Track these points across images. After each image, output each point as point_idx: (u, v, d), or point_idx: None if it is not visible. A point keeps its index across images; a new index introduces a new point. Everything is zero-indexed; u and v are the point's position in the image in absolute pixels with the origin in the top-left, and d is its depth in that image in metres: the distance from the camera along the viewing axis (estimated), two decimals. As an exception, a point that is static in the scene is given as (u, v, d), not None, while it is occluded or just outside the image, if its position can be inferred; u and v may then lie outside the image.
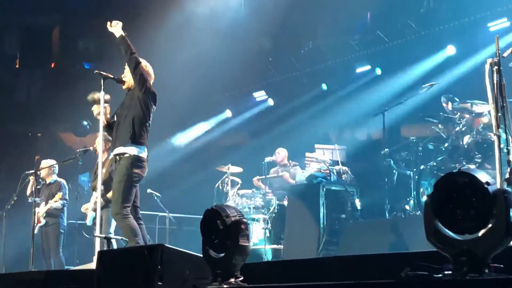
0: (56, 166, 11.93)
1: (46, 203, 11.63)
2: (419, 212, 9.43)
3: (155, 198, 12.68)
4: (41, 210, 11.61)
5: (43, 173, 11.78)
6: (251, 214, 11.43)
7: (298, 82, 15.67)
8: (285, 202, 11.45)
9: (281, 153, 12.79)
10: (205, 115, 17.13)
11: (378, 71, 14.05)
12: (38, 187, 10.73)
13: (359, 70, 14.38)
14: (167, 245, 4.82)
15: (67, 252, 12.18)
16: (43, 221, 11.63)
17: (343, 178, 10.99)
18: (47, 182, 11.90)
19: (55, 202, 11.52)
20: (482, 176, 3.52)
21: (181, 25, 13.84)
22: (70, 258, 11.98)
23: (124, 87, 7.94)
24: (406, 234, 8.77)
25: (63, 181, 11.80)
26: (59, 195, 11.49)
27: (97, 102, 7.80)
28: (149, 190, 12.21)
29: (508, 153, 5.49)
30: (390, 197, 10.31)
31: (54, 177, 11.91)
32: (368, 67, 14.17)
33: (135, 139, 7.60)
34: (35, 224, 11.43)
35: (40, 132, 22.86)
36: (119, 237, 7.58)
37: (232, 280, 4.41)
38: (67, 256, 12.12)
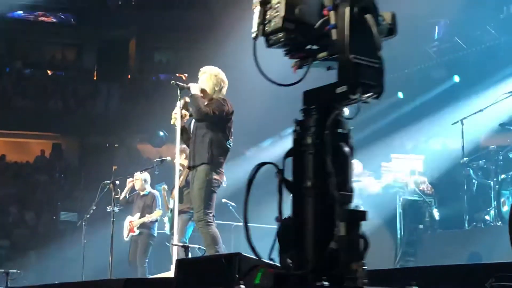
0: (149, 177, 12.11)
1: (142, 214, 11.81)
2: (500, 222, 9.18)
3: (230, 208, 12.71)
4: (135, 221, 11.82)
5: (137, 185, 12.00)
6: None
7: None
8: (361, 212, 11.31)
9: (355, 165, 12.62)
10: (279, 128, 17.12)
11: (456, 79, 13.80)
12: (116, 196, 10.90)
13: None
14: (244, 254, 4.79)
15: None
16: (136, 231, 11.83)
17: (421, 188, 10.80)
18: (141, 194, 12.08)
19: (153, 216, 11.67)
20: None
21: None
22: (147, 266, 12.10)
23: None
24: (487, 245, 8.56)
25: (156, 193, 11.95)
26: (158, 212, 11.60)
27: (183, 106, 7.74)
28: (224, 200, 12.25)
29: None
30: (469, 207, 10.07)
31: (148, 188, 12.10)
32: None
33: (213, 160, 7.56)
34: (128, 234, 11.68)
35: (117, 142, 23.32)
36: (196, 246, 7.60)
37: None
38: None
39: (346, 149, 3.30)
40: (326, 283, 3.03)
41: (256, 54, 3.29)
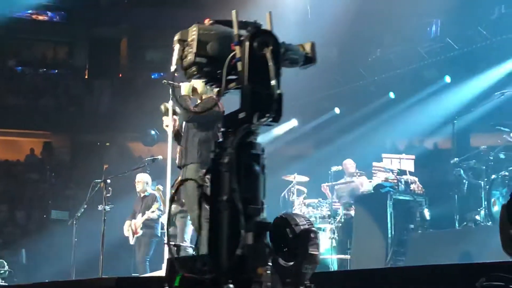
0: (150, 179, 12.16)
1: (143, 215, 11.83)
2: (490, 222, 9.21)
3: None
4: (138, 221, 11.83)
5: (139, 187, 12.05)
6: (317, 224, 11.36)
7: (365, 90, 15.55)
8: (352, 212, 11.35)
9: (347, 164, 12.65)
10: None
11: (448, 79, 13.84)
12: (107, 195, 10.87)
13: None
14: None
15: (136, 260, 12.31)
16: (140, 232, 11.82)
17: (412, 188, 10.83)
18: (142, 195, 12.11)
19: (152, 213, 11.71)
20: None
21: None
22: (138, 265, 12.09)
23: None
24: (477, 245, 8.59)
25: (157, 193, 11.96)
26: (156, 205, 11.68)
27: (168, 112, 7.85)
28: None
29: None
30: (460, 207, 10.11)
31: (149, 190, 12.12)
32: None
33: (202, 160, 7.57)
34: (133, 237, 11.68)
35: (108, 141, 23.28)
36: (191, 245, 7.60)
37: (302, 289, 4.37)
38: (136, 264, 12.25)
39: (257, 168, 3.71)
40: (231, 286, 3.46)
41: (174, 85, 3.75)
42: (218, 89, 3.91)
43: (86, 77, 25.45)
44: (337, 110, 16.38)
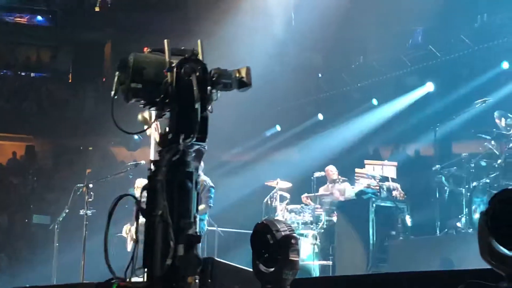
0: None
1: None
2: (471, 229, 9.27)
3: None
4: (133, 229, 11.67)
5: (137, 193, 11.84)
6: (299, 230, 11.38)
7: (349, 97, 15.61)
8: (334, 218, 11.37)
9: (329, 171, 12.64)
10: (255, 130, 17.13)
11: (430, 86, 13.92)
12: (89, 200, 10.82)
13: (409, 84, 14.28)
14: (217, 259, 4.82)
15: (118, 265, 12.24)
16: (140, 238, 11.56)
17: (394, 195, 10.88)
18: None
19: None
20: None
21: (233, 38, 13.89)
22: (121, 270, 12.05)
23: None
24: (458, 252, 8.64)
25: None
26: None
27: (147, 121, 7.82)
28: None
29: None
30: (441, 214, 10.18)
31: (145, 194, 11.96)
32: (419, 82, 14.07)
33: None
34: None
35: (91, 145, 23.19)
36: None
37: (282, 295, 4.38)
38: (117, 269, 12.18)
39: (189, 184, 4.02)
40: None
41: (113, 108, 4.27)
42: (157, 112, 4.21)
43: (70, 81, 25.37)
44: (320, 116, 16.42)
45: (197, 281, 3.92)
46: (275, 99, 16.15)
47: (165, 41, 4.13)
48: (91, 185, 11.07)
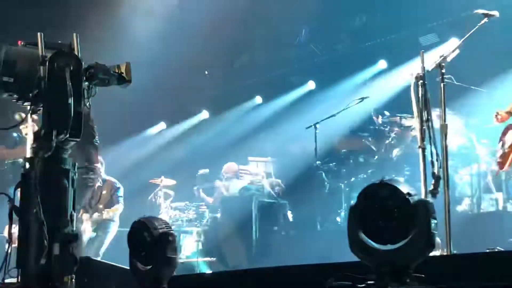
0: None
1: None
2: (349, 224, 9.51)
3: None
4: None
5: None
6: (184, 227, 11.37)
7: (234, 94, 15.68)
8: (218, 215, 11.43)
9: (231, 167, 12.61)
10: (139, 127, 16.95)
11: (312, 85, 14.19)
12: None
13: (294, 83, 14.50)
14: (93, 257, 4.77)
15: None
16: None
17: (276, 191, 11.04)
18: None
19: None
20: (404, 187, 3.59)
21: (119, 28, 13.62)
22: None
23: None
24: (337, 246, 8.75)
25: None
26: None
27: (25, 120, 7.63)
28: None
29: (433, 165, 5.60)
30: (322, 209, 10.39)
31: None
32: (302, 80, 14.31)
33: None
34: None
35: (-33, 143, 22.33)
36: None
37: (159, 292, 4.39)
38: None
39: (65, 182, 3.96)
40: None
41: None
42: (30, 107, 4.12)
43: None
44: (205, 114, 16.45)
45: (73, 280, 3.88)
46: (161, 96, 16.01)
47: (38, 34, 4.02)
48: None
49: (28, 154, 7.62)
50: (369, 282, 3.60)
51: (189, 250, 11.21)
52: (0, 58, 3.94)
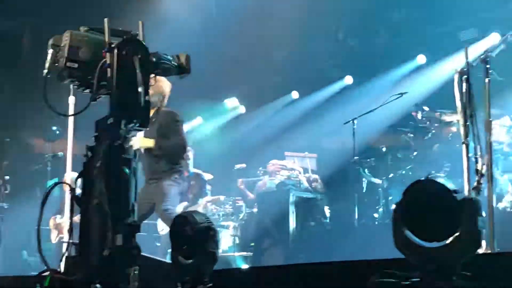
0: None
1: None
2: (387, 220, 9.45)
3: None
4: (59, 220, 11.37)
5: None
6: (220, 221, 11.38)
7: (270, 88, 15.67)
8: (255, 209, 11.43)
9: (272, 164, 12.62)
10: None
11: (349, 80, 14.12)
12: (6, 191, 10.56)
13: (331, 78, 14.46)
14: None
15: (37, 258, 11.96)
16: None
17: (313, 186, 11.00)
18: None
19: None
20: (450, 185, 3.55)
21: (157, 26, 13.68)
22: (40, 264, 11.78)
23: None
24: (375, 242, 8.78)
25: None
26: None
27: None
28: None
29: (476, 162, 5.53)
30: (359, 205, 10.33)
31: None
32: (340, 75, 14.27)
33: None
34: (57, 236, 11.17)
35: (8, 137, 22.62)
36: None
37: (201, 287, 4.38)
38: (35, 262, 11.92)
39: (128, 171, 3.86)
40: (98, 286, 3.62)
41: (46, 88, 3.95)
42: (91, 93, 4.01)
43: (-14, 70, 24.68)
44: (242, 109, 16.46)
45: (136, 272, 3.80)
46: (196, 91, 16.04)
47: (105, 20, 3.93)
48: (7, 177, 10.81)
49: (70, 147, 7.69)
50: (413, 279, 3.57)
51: (226, 245, 11.22)
52: (65, 43, 3.85)
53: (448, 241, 3.49)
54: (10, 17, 23.15)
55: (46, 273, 3.87)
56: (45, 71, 3.96)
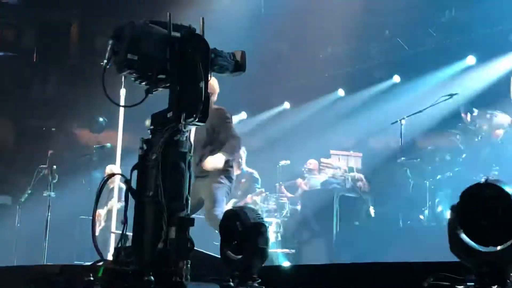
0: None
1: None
2: (434, 222, 9.36)
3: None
4: (102, 213, 11.48)
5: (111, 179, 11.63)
6: (263, 217, 11.36)
7: (314, 87, 15.62)
8: (298, 207, 11.41)
9: (310, 163, 12.63)
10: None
11: (397, 79, 14.01)
12: (54, 181, 10.68)
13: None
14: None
15: (81, 247, 12.09)
16: (103, 224, 11.42)
17: (358, 185, 10.94)
18: (111, 186, 11.72)
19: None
20: (509, 188, 3.49)
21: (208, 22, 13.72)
22: (83, 253, 11.88)
23: None
24: (420, 244, 8.71)
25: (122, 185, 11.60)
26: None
27: None
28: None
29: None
30: (404, 206, 10.25)
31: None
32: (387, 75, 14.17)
33: None
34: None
35: (54, 127, 22.91)
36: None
37: (250, 282, 4.38)
38: (80, 251, 12.04)
39: (183, 165, 3.87)
40: (152, 278, 3.64)
41: (104, 78, 3.95)
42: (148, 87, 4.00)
43: (34, 60, 25.01)
44: (287, 105, 16.44)
45: (188, 265, 3.80)
46: (242, 86, 16.07)
47: (168, 13, 3.92)
48: (55, 167, 10.93)
49: (120, 136, 7.72)
50: (468, 283, 3.52)
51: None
52: (127, 35, 3.86)
53: (505, 245, 3.43)
54: (58, 9, 23.51)
55: (100, 263, 3.86)
56: (105, 61, 3.94)
